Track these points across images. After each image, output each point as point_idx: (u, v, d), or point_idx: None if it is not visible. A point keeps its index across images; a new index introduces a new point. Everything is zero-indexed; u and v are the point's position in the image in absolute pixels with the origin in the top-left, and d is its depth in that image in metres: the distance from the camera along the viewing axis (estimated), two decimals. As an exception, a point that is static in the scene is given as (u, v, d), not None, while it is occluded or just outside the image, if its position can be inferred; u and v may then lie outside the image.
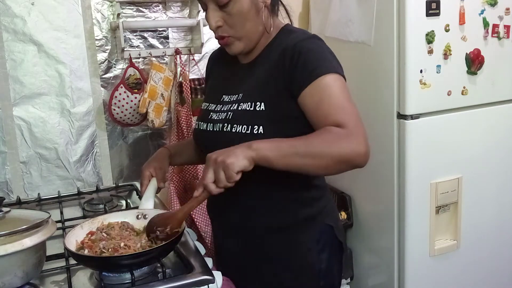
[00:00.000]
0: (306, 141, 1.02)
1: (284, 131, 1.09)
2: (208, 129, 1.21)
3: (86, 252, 1.05)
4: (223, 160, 0.96)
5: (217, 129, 1.18)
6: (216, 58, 1.40)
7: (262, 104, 1.12)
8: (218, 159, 0.97)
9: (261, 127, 1.10)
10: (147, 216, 1.20)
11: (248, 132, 1.11)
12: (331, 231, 1.25)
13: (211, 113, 1.23)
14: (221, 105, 1.21)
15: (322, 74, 1.07)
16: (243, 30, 1.15)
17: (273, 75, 1.14)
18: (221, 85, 1.28)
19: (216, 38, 1.20)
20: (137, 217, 1.21)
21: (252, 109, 1.13)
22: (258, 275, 1.25)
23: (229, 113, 1.17)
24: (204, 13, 1.18)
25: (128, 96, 1.97)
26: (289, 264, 1.22)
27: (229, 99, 1.20)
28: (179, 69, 2.11)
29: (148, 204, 1.27)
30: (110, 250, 1.04)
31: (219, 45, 1.26)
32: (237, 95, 1.19)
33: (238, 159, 0.96)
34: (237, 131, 1.12)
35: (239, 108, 1.15)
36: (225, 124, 1.16)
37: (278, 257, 1.22)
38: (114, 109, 1.97)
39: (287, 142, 1.02)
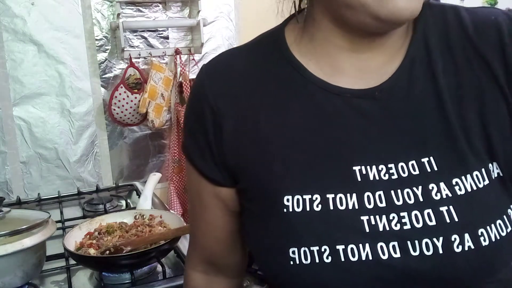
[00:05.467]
0: None
1: None
2: (384, 256, 0.52)
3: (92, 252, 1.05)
4: None
5: (427, 251, 0.52)
6: (242, 82, 0.62)
7: (495, 164, 0.57)
8: None
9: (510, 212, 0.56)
10: (144, 216, 1.20)
11: (503, 234, 0.54)
12: None
13: (361, 217, 0.54)
14: (381, 191, 0.54)
15: None
16: None
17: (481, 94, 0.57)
18: (323, 146, 0.57)
19: None
20: (135, 218, 1.21)
21: (487, 182, 0.55)
22: None
23: (443, 207, 0.53)
24: None
25: (128, 96, 1.97)
26: None
27: (397, 172, 0.55)
28: (179, 69, 2.11)
29: (146, 205, 1.27)
30: (112, 249, 1.04)
31: (217, 59, 0.65)
32: (416, 161, 0.55)
33: None
34: (491, 237, 0.53)
35: (461, 191, 0.54)
36: (452, 237, 0.52)
37: None
38: (114, 109, 1.98)
39: None
